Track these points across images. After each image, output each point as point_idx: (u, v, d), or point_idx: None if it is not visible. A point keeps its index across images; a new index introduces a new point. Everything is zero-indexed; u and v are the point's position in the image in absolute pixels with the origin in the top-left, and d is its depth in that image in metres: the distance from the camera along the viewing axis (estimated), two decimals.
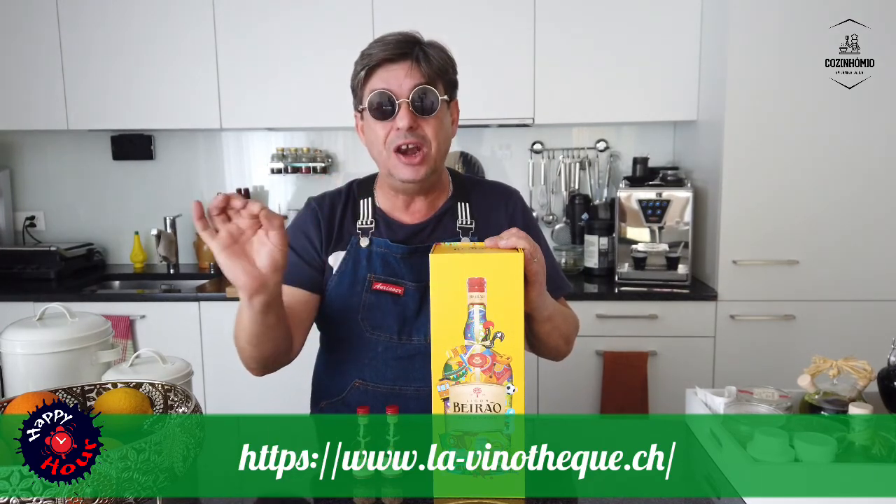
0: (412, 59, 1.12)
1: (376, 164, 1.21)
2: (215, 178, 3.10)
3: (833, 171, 2.33)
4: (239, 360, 1.16)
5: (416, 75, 1.11)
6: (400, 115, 1.11)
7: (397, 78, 1.11)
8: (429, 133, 1.14)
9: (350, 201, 1.27)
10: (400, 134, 1.12)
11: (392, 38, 1.13)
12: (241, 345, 1.10)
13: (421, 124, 1.13)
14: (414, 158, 1.13)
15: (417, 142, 1.12)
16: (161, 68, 2.69)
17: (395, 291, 1.19)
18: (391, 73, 1.12)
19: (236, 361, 1.18)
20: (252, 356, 1.11)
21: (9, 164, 3.11)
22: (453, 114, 1.23)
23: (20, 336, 1.18)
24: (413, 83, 1.11)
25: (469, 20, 2.60)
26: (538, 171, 3.00)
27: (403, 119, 1.11)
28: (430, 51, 1.14)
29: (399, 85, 1.11)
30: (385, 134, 1.13)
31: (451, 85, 1.19)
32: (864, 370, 1.08)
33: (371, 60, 1.12)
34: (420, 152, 1.13)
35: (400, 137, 1.12)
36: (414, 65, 1.11)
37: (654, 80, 2.61)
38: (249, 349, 1.09)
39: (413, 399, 1.18)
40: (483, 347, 0.88)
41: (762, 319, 2.40)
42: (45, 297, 2.50)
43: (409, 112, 1.11)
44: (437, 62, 1.13)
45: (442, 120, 1.16)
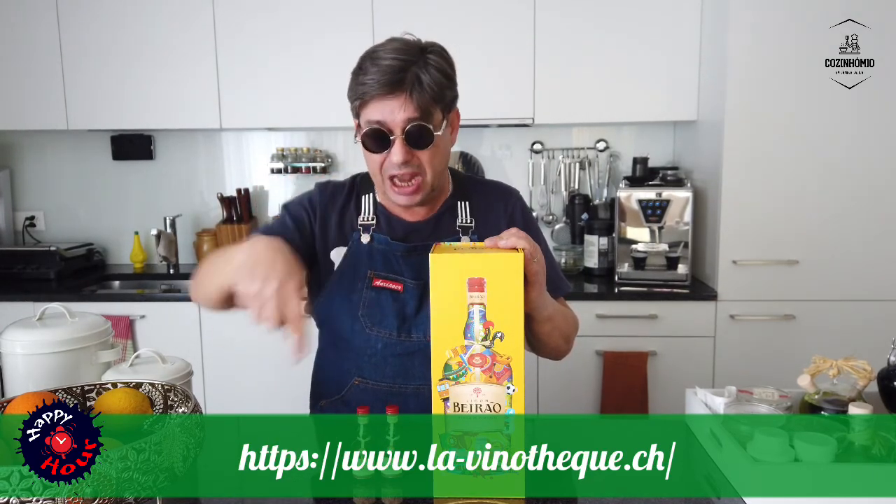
0: (406, 92, 1.07)
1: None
2: (215, 178, 3.10)
3: (833, 171, 2.33)
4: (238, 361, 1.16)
5: (411, 109, 1.08)
6: (394, 150, 1.10)
7: (392, 112, 1.08)
8: (424, 161, 1.13)
9: (353, 195, 1.27)
10: (395, 165, 1.11)
11: (387, 62, 1.07)
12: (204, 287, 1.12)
13: (416, 155, 1.12)
14: (408, 188, 1.14)
15: (412, 172, 1.12)
16: (161, 68, 2.69)
17: (395, 288, 1.20)
18: (386, 106, 1.08)
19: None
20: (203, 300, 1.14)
21: (9, 164, 3.11)
22: (453, 121, 1.21)
23: (20, 336, 1.18)
24: (407, 117, 1.08)
25: (469, 20, 2.60)
26: (538, 171, 3.00)
27: (397, 154, 1.10)
28: (425, 75, 1.09)
29: (393, 119, 1.09)
30: (380, 162, 1.13)
31: (449, 104, 1.16)
32: (864, 370, 1.08)
33: (366, 93, 1.09)
34: (415, 181, 1.13)
35: (394, 168, 1.12)
36: (408, 98, 1.08)
37: (654, 80, 2.61)
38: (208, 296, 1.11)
39: (413, 397, 1.18)
40: (483, 347, 0.88)
41: (762, 319, 2.40)
42: (45, 297, 2.50)
43: (404, 146, 1.10)
44: (431, 90, 1.09)
45: (438, 147, 1.14)
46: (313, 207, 1.25)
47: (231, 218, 3.00)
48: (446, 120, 1.16)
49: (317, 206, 1.25)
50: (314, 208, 1.25)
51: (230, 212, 3.00)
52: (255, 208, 3.08)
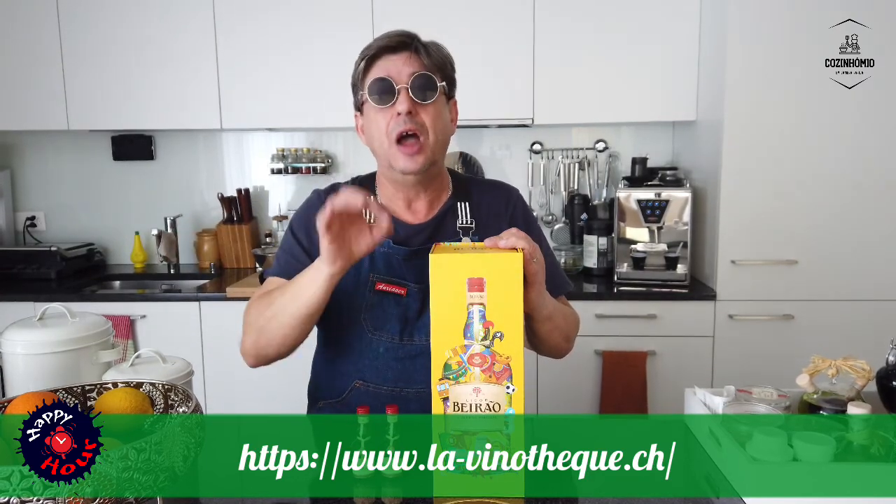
0: (411, 49, 1.15)
1: (376, 158, 1.22)
2: (215, 178, 3.10)
3: (832, 171, 2.33)
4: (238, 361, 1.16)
5: (416, 63, 1.15)
6: (399, 99, 1.13)
7: (396, 66, 1.14)
8: (427, 121, 1.15)
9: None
10: (399, 120, 1.13)
11: (392, 32, 1.17)
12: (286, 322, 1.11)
13: (419, 112, 1.15)
14: (412, 148, 1.15)
15: (416, 129, 1.14)
16: (161, 68, 2.69)
17: (398, 292, 1.20)
18: (391, 62, 1.15)
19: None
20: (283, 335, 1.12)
21: (9, 164, 3.11)
22: (452, 112, 1.24)
23: (20, 336, 1.18)
24: (412, 70, 1.14)
25: (468, 20, 2.60)
26: (537, 171, 3.00)
27: (403, 103, 1.13)
28: (429, 46, 1.17)
29: (398, 72, 1.14)
30: (385, 123, 1.15)
31: (449, 80, 1.21)
32: (863, 370, 1.08)
33: (371, 50, 1.16)
34: (418, 142, 1.15)
35: (400, 124, 1.13)
36: (413, 54, 1.15)
37: (654, 80, 2.61)
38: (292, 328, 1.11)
39: (414, 401, 1.18)
40: (483, 347, 0.89)
41: (761, 319, 2.40)
42: (45, 297, 2.50)
43: (409, 97, 1.14)
44: (436, 56, 1.17)
45: (440, 109, 1.18)
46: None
47: (231, 218, 3.00)
48: (447, 100, 1.21)
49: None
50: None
51: (230, 212, 3.01)
52: (256, 208, 3.09)
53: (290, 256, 1.24)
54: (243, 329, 1.19)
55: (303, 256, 1.22)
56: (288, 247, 1.25)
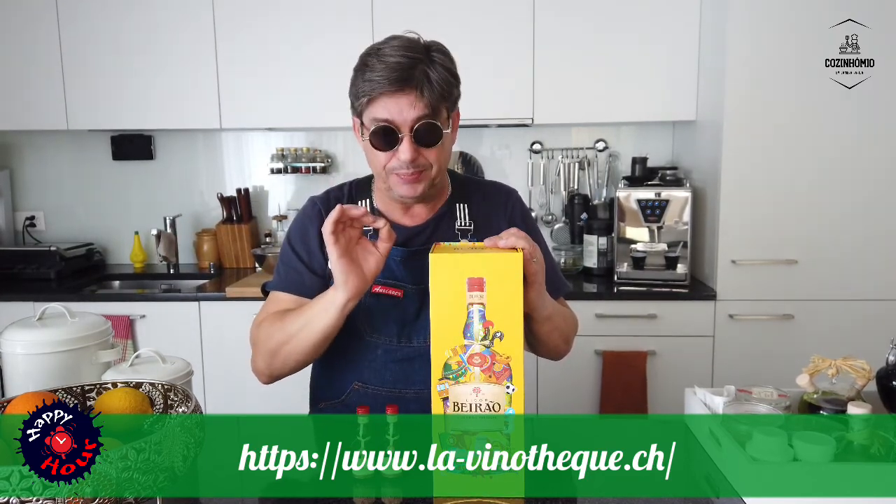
0: (416, 89, 1.06)
1: (375, 176, 1.21)
2: (215, 178, 3.10)
3: (832, 170, 2.33)
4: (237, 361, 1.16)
5: (420, 107, 1.07)
6: (402, 147, 1.09)
7: (400, 109, 1.07)
8: (430, 159, 1.12)
9: (350, 202, 1.26)
10: (402, 164, 1.10)
11: (394, 59, 1.06)
12: (299, 349, 1.12)
13: (423, 153, 1.11)
14: (413, 177, 1.12)
15: (418, 171, 1.11)
16: (161, 68, 2.69)
17: (395, 294, 1.19)
18: (394, 104, 1.07)
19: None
20: (296, 360, 1.14)
21: (9, 164, 3.11)
22: (454, 121, 1.20)
23: (20, 336, 1.18)
24: (416, 115, 1.07)
25: (468, 20, 2.60)
26: (537, 171, 3.00)
27: (406, 153, 1.09)
28: (433, 72, 1.08)
29: (402, 117, 1.07)
30: (386, 159, 1.12)
31: (454, 103, 1.16)
32: (863, 369, 1.08)
33: (374, 90, 1.07)
34: (419, 173, 1.12)
35: (402, 167, 1.11)
36: (418, 96, 1.06)
37: (654, 79, 2.61)
38: (306, 354, 1.13)
39: (413, 402, 1.18)
40: (482, 347, 0.88)
41: (761, 319, 2.40)
42: (45, 297, 2.50)
43: (412, 145, 1.09)
44: (440, 88, 1.08)
45: (445, 145, 1.14)
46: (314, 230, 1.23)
47: (231, 218, 3.00)
48: (450, 118, 1.16)
49: (316, 225, 1.22)
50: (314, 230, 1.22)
51: (230, 212, 3.00)
52: (255, 208, 3.08)
53: (291, 269, 1.23)
54: (253, 349, 1.19)
55: (302, 268, 1.22)
56: (287, 259, 1.25)
